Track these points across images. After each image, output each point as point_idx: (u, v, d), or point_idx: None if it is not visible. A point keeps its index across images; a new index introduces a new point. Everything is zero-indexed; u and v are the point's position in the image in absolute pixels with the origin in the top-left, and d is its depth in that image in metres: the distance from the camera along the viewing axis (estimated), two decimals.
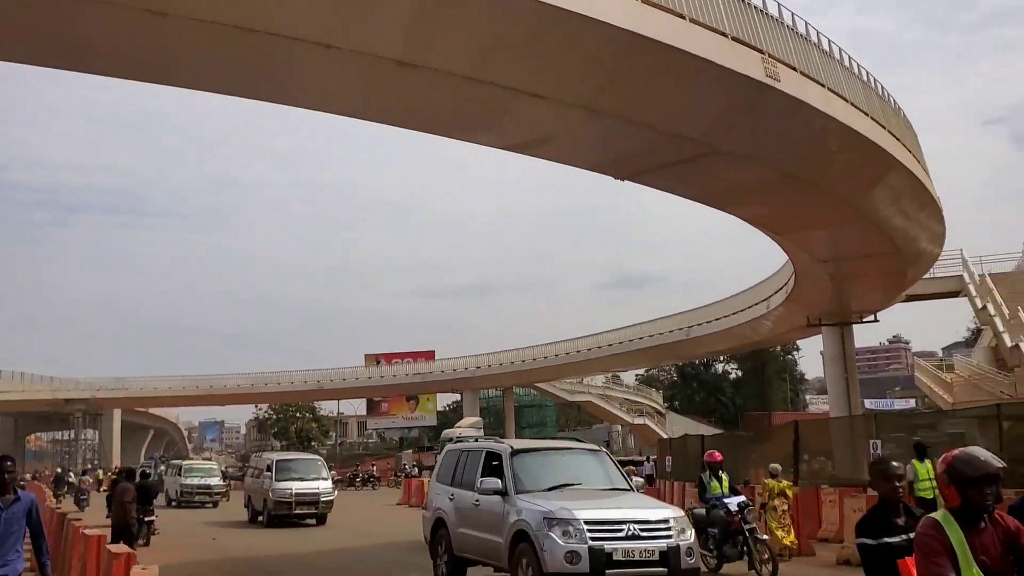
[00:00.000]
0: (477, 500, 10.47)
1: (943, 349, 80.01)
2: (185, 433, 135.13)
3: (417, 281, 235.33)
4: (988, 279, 33.00)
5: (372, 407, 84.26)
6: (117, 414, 78.84)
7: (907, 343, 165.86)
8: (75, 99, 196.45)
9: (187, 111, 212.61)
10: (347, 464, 64.62)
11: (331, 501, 23.43)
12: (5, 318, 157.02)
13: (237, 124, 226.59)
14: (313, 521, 23.08)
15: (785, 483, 14.85)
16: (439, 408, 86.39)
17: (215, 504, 32.54)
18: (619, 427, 79.55)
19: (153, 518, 18.10)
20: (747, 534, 12.20)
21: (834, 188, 19.45)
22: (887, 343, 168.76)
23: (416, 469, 51.13)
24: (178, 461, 40.01)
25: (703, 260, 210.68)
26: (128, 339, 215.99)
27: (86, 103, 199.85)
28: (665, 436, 72.36)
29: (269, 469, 23.33)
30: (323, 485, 23.32)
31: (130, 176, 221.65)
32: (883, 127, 18.99)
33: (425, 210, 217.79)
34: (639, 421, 74.29)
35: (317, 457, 27.81)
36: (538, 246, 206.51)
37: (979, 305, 32.49)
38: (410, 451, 67.16)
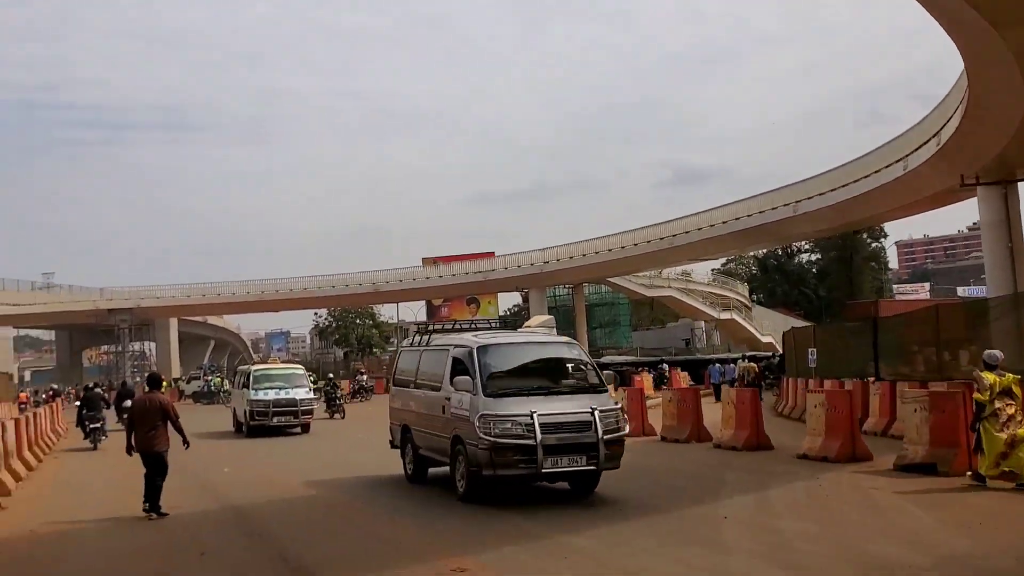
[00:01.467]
0: None
1: None
2: (249, 343, 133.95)
3: (470, 188, 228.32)
4: None
5: (432, 312, 79.80)
6: (174, 324, 75.83)
7: None
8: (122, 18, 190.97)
9: (229, 25, 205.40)
10: None
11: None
12: (57, 238, 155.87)
13: (281, 36, 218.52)
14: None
15: (1011, 377, 10.31)
16: (500, 312, 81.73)
17: (305, 428, 23.11)
18: (702, 323, 73.09)
19: (97, 425, 20.45)
20: None
21: None
22: (966, 231, 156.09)
23: None
24: (246, 367, 28.53)
25: (768, 153, 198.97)
26: (179, 256, 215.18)
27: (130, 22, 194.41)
28: (753, 331, 66.57)
29: None
30: None
31: (177, 92, 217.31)
32: None
33: (470, 116, 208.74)
34: (725, 316, 67.70)
35: None
36: (592, 147, 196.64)
37: None
38: None
